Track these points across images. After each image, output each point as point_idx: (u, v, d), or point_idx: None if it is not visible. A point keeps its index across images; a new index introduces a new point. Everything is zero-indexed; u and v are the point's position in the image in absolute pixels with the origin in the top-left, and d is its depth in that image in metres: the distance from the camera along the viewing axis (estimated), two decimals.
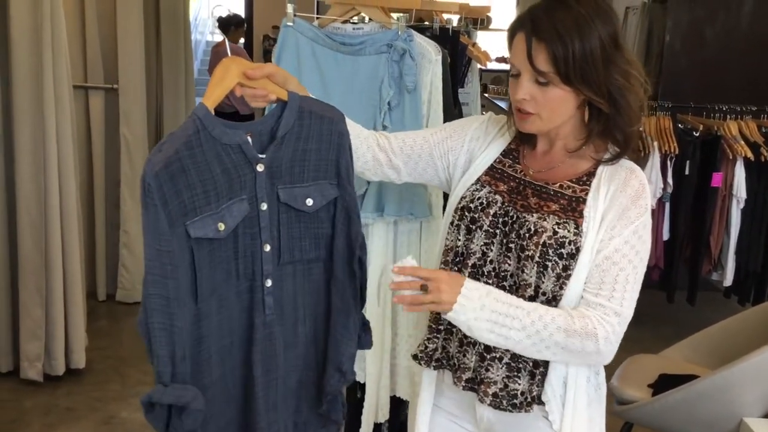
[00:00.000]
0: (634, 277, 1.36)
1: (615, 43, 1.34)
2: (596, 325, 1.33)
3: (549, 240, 1.36)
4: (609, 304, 1.34)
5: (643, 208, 1.37)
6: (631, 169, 1.41)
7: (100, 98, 4.03)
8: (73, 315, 3.25)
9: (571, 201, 1.40)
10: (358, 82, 1.90)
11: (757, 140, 3.59)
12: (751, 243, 3.69)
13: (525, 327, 1.32)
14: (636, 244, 1.36)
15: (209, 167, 1.28)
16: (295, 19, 1.93)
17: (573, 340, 1.32)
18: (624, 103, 1.36)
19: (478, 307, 1.32)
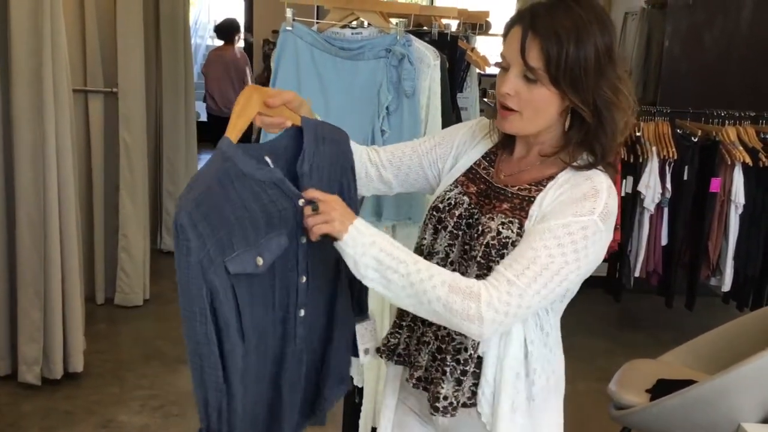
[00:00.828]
0: (547, 263, 1.26)
1: (609, 56, 1.32)
2: (482, 287, 1.26)
3: (492, 240, 1.35)
4: (504, 272, 1.27)
5: (587, 210, 1.29)
6: (590, 176, 1.35)
7: (100, 102, 4.03)
8: (72, 318, 3.25)
9: (522, 201, 1.38)
10: (356, 87, 1.91)
11: (755, 146, 3.60)
12: (749, 248, 3.69)
13: (409, 274, 1.26)
14: (563, 238, 1.27)
15: (244, 204, 1.27)
16: (294, 24, 1.94)
17: (455, 297, 1.24)
18: (608, 117, 1.33)
19: (368, 243, 1.27)
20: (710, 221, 3.65)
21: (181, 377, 3.47)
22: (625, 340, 4.01)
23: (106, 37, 4.01)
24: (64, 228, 3.17)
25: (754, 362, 2.26)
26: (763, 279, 3.77)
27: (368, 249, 1.27)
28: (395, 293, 1.29)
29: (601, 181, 1.34)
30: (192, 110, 5.10)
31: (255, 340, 1.34)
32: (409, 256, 1.29)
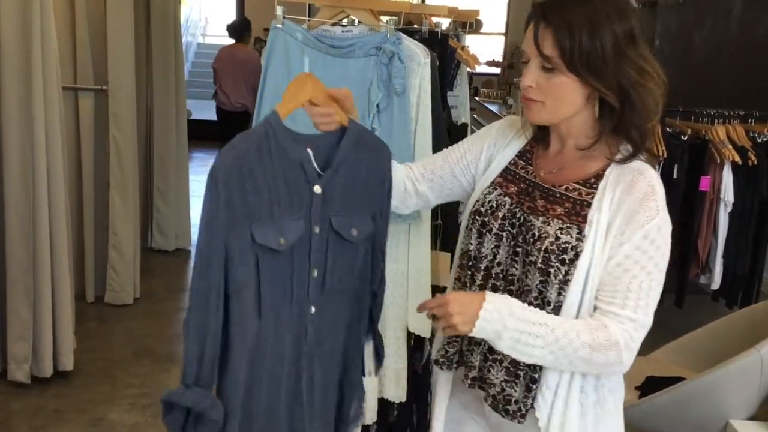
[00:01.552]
0: (649, 283, 1.31)
1: (630, 38, 1.33)
2: (617, 335, 1.30)
3: (551, 246, 1.35)
4: (623, 312, 1.31)
5: (654, 211, 1.32)
6: (640, 170, 1.36)
7: (90, 100, 4.02)
8: (61, 317, 3.24)
9: (576, 204, 1.38)
10: (346, 85, 1.91)
11: (744, 144, 3.62)
12: (738, 246, 3.71)
13: (549, 344, 1.30)
14: (648, 248, 1.31)
15: (275, 177, 1.32)
16: (284, 21, 1.93)
17: (597, 354, 1.30)
18: (636, 98, 1.33)
19: (500, 329, 1.30)
20: (700, 220, 3.67)
21: (172, 375, 3.47)
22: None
23: (97, 35, 3.99)
24: (54, 226, 3.16)
25: (742, 360, 2.27)
26: (752, 277, 3.79)
27: (502, 333, 1.30)
28: (538, 360, 1.33)
29: (651, 175, 1.36)
30: (183, 108, 5.09)
31: (273, 324, 1.36)
32: (543, 326, 1.30)
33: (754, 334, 2.45)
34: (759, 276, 3.83)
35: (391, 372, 2.04)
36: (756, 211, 3.69)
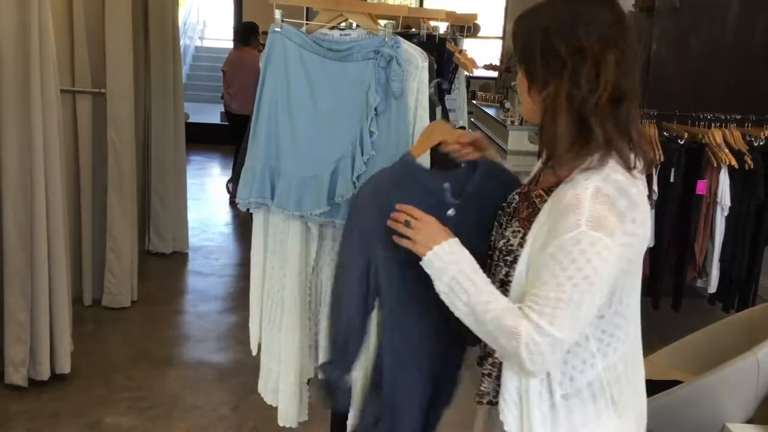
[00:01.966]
0: (557, 293, 1.25)
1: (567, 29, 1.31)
2: (522, 328, 1.26)
3: (503, 246, 1.46)
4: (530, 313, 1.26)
5: (572, 224, 1.25)
6: (576, 181, 1.31)
7: (88, 103, 4.02)
8: (59, 319, 3.24)
9: (534, 210, 1.42)
10: (345, 88, 1.92)
11: (741, 148, 3.63)
12: (735, 250, 3.71)
13: (471, 304, 1.34)
14: (563, 260, 1.25)
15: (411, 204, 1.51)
16: (283, 25, 1.94)
17: (501, 336, 1.30)
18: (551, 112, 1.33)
19: (442, 269, 1.39)
20: (696, 223, 3.68)
21: (169, 379, 3.47)
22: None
23: (95, 38, 4.00)
24: (52, 228, 3.16)
25: (738, 363, 2.28)
26: (748, 281, 3.79)
27: (441, 275, 1.39)
28: (462, 316, 1.38)
29: (585, 186, 1.29)
30: (181, 111, 5.09)
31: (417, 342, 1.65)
32: (474, 286, 1.36)
33: (750, 338, 2.46)
34: (756, 280, 3.83)
35: None
36: (753, 215, 3.70)
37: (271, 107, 1.94)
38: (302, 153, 1.92)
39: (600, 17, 1.32)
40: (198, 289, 4.69)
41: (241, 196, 1.96)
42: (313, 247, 2.00)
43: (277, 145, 1.94)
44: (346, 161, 1.89)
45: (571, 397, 1.38)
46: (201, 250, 5.37)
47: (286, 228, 1.98)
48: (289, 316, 2.01)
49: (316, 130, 1.93)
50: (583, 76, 1.29)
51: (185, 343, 3.94)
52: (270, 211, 2.00)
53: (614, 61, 1.30)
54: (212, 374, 3.53)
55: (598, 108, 1.30)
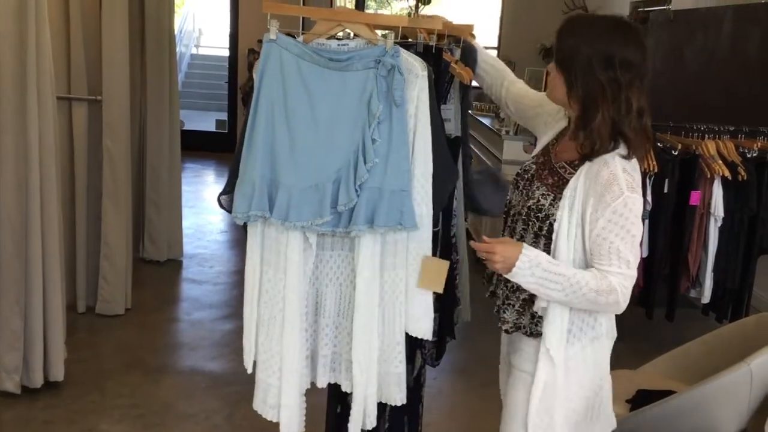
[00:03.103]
0: (623, 245, 1.70)
1: (607, 63, 1.70)
2: (614, 283, 1.71)
3: (533, 205, 1.83)
4: (611, 269, 1.71)
5: (617, 192, 1.70)
6: (606, 161, 1.74)
7: (84, 110, 4.02)
8: (52, 327, 3.23)
9: (560, 179, 1.82)
10: (346, 98, 1.92)
11: (734, 159, 3.65)
12: (728, 261, 3.73)
13: (564, 289, 1.72)
14: (618, 220, 1.70)
15: None
16: (278, 35, 1.94)
17: (601, 297, 1.72)
18: (590, 110, 1.73)
19: (529, 275, 1.73)
20: (690, 234, 3.70)
21: (163, 386, 3.46)
22: None
23: (91, 45, 4.00)
24: (46, 235, 3.16)
25: (732, 373, 2.29)
26: (741, 291, 3.81)
27: (530, 279, 1.74)
28: (556, 299, 1.76)
29: (615, 165, 1.73)
30: (176, 118, 5.09)
31: None
32: (561, 276, 1.72)
33: (743, 348, 2.47)
34: (749, 290, 3.85)
35: (394, 377, 2.05)
36: (746, 226, 3.72)
37: (267, 118, 1.94)
38: (301, 163, 1.93)
39: (634, 59, 1.72)
40: (192, 296, 4.68)
41: (238, 210, 1.93)
42: (310, 257, 2.00)
43: (274, 156, 1.93)
44: (348, 169, 1.90)
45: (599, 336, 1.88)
46: (195, 258, 5.37)
47: (285, 239, 1.97)
48: (290, 328, 1.99)
49: (316, 140, 1.93)
50: (618, 102, 1.72)
51: (179, 350, 3.93)
52: (267, 223, 1.98)
53: (639, 90, 1.74)
54: (206, 382, 3.52)
55: (630, 122, 1.73)
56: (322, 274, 2.04)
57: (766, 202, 3.72)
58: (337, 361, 2.06)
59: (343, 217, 1.91)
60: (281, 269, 1.98)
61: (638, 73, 1.73)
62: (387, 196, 1.89)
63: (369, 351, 1.98)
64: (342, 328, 2.04)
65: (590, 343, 1.86)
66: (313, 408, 2.15)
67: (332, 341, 2.06)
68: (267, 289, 2.02)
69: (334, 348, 2.06)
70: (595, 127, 1.72)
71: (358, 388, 2.00)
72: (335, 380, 2.08)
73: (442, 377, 3.40)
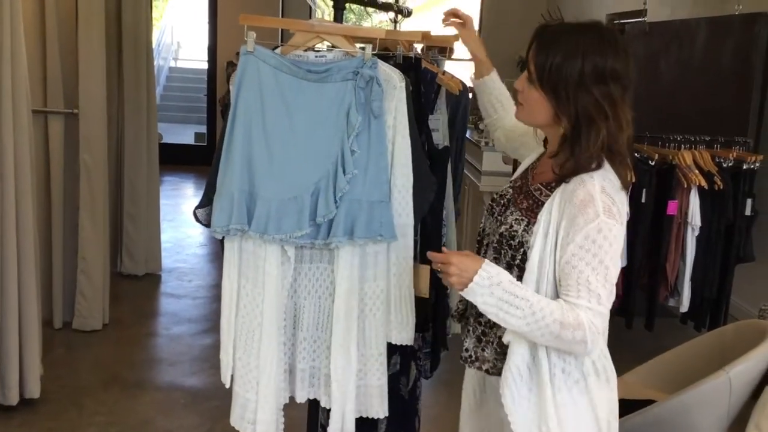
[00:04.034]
0: (594, 276, 1.51)
1: (599, 77, 1.54)
2: (582, 318, 1.50)
3: (505, 232, 1.66)
4: (579, 302, 1.51)
5: (592, 215, 1.51)
6: (583, 180, 1.56)
7: (60, 123, 3.98)
8: (28, 343, 3.18)
9: (535, 202, 1.64)
10: (324, 109, 1.92)
11: (710, 169, 3.69)
12: (706, 270, 3.76)
13: (526, 316, 1.50)
14: (591, 248, 1.51)
15: None
16: (256, 47, 1.93)
17: (566, 331, 1.50)
18: (584, 132, 1.55)
19: (488, 294, 1.52)
20: (668, 243, 3.72)
21: (141, 403, 3.41)
22: None
23: (67, 58, 3.97)
24: (22, 250, 3.11)
25: (711, 382, 2.30)
26: (719, 300, 3.84)
27: (488, 299, 1.53)
28: (515, 328, 1.54)
29: (593, 185, 1.55)
30: (154, 131, 5.06)
31: None
32: (523, 300, 1.51)
33: (722, 356, 2.48)
34: (727, 299, 3.88)
35: (375, 390, 2.03)
36: (722, 235, 3.76)
37: (245, 130, 1.92)
38: (280, 175, 1.91)
39: (621, 69, 1.57)
40: (171, 311, 4.64)
41: (217, 224, 1.91)
42: (289, 270, 1.98)
43: (252, 169, 1.92)
44: (327, 181, 1.89)
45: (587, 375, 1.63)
46: (174, 272, 5.32)
47: (262, 252, 1.95)
48: (268, 342, 1.97)
49: (294, 152, 1.92)
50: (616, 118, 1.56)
51: (157, 366, 3.89)
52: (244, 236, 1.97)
53: (628, 103, 1.59)
54: (185, 398, 3.48)
55: (623, 139, 1.59)
56: (301, 287, 2.02)
57: (742, 210, 3.77)
58: (316, 376, 2.05)
59: (322, 228, 1.90)
60: (259, 283, 1.97)
61: (626, 85, 1.59)
62: (366, 207, 1.89)
63: (347, 366, 1.97)
64: (321, 342, 2.03)
65: (576, 385, 1.62)
66: (293, 422, 2.13)
67: (310, 355, 2.04)
68: (245, 303, 2.00)
69: (313, 362, 2.04)
70: (589, 146, 1.55)
71: (335, 404, 1.98)
72: (314, 395, 2.06)
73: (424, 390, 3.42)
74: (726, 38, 4.85)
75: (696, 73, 5.12)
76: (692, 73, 5.16)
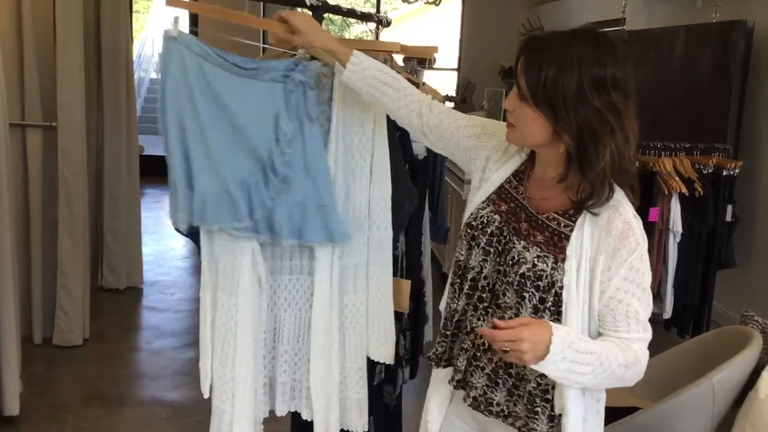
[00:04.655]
0: (641, 306, 1.46)
1: (600, 87, 1.40)
2: (638, 352, 1.46)
3: (528, 272, 1.47)
4: (630, 336, 1.46)
5: (634, 245, 1.45)
6: (615, 207, 1.46)
7: (38, 136, 3.94)
8: (7, 359, 3.13)
9: (554, 234, 1.49)
10: (253, 107, 1.86)
11: (691, 176, 3.71)
12: (688, 276, 3.78)
13: (594, 370, 1.42)
14: (635, 277, 1.45)
15: None
16: (180, 33, 1.84)
17: (629, 371, 1.46)
18: (590, 146, 1.41)
19: (560, 359, 1.39)
20: (650, 250, 3.72)
21: (123, 419, 3.37)
22: None
23: (45, 70, 3.93)
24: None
25: (694, 389, 2.30)
26: (702, 306, 3.86)
27: (560, 365, 1.39)
28: (581, 384, 1.45)
29: (627, 211, 1.47)
30: (134, 144, 5.02)
31: None
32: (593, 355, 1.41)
33: (705, 363, 2.49)
34: (709, 305, 3.90)
35: (354, 403, 2.02)
36: (704, 241, 3.78)
37: (178, 121, 1.86)
38: (214, 167, 1.86)
39: (621, 76, 1.42)
40: (153, 325, 4.59)
41: (172, 215, 1.90)
42: (265, 282, 1.96)
43: (189, 160, 1.87)
44: (257, 177, 1.85)
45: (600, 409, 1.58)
46: (156, 285, 5.27)
47: (237, 263, 1.94)
48: (242, 353, 1.96)
49: (225, 144, 1.86)
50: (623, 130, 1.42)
51: (139, 381, 3.84)
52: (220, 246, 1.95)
53: (632, 112, 1.44)
54: (167, 413, 3.44)
55: (630, 153, 1.45)
56: (281, 299, 2.01)
57: (723, 217, 3.79)
58: (297, 389, 2.03)
59: (261, 225, 1.86)
60: (234, 294, 1.95)
61: (628, 92, 1.44)
62: (312, 211, 1.87)
63: (328, 377, 1.95)
64: (302, 354, 2.01)
65: (594, 418, 1.57)
66: None
67: (291, 368, 2.02)
68: (220, 314, 1.99)
69: (294, 375, 2.03)
70: (599, 163, 1.41)
71: (317, 416, 1.96)
72: (295, 408, 2.05)
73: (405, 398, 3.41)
74: (704, 46, 4.90)
75: (675, 80, 5.16)
76: (671, 80, 5.20)
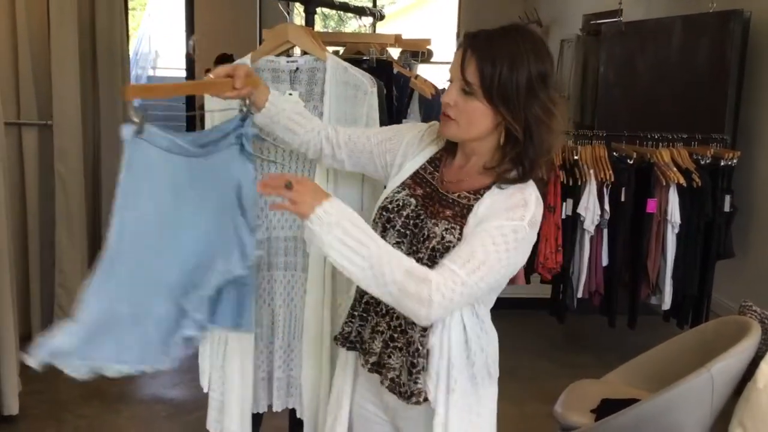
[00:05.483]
0: (484, 261, 1.41)
1: (543, 81, 1.47)
2: (433, 275, 1.39)
3: (437, 245, 1.49)
4: (449, 264, 1.41)
5: (517, 217, 1.44)
6: (522, 188, 1.50)
7: (34, 135, 3.93)
8: (6, 358, 3.13)
9: (463, 208, 1.52)
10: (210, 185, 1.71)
11: (688, 167, 3.71)
12: (687, 267, 3.78)
13: (371, 257, 1.39)
14: (496, 237, 1.43)
15: None
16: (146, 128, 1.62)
17: (410, 282, 1.38)
18: (537, 134, 1.48)
19: (334, 223, 1.39)
20: (648, 241, 3.74)
21: (122, 416, 3.37)
22: (570, 361, 4.04)
23: (40, 68, 3.92)
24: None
25: (694, 379, 2.30)
26: (701, 296, 3.86)
27: (334, 230, 1.39)
28: (357, 273, 1.40)
29: (530, 193, 1.50)
30: None
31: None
32: (372, 240, 1.41)
33: (704, 353, 2.48)
34: (708, 295, 3.90)
35: None
36: (702, 232, 3.78)
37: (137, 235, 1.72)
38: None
39: (550, 71, 1.50)
40: None
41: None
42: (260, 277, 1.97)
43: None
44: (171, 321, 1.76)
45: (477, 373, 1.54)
46: None
47: None
48: (232, 344, 1.97)
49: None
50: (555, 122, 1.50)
51: (138, 378, 3.84)
52: None
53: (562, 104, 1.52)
54: (166, 411, 3.44)
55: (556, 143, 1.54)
56: (276, 294, 2.01)
57: (721, 207, 3.79)
58: (293, 385, 2.03)
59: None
60: None
61: (555, 86, 1.52)
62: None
63: (320, 375, 1.95)
64: (296, 351, 2.01)
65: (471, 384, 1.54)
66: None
67: (287, 364, 2.03)
68: None
69: (290, 371, 2.03)
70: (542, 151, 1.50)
71: (307, 413, 1.96)
72: (291, 405, 2.05)
73: None
74: (701, 36, 4.89)
75: (672, 71, 5.16)
76: (668, 71, 5.19)
